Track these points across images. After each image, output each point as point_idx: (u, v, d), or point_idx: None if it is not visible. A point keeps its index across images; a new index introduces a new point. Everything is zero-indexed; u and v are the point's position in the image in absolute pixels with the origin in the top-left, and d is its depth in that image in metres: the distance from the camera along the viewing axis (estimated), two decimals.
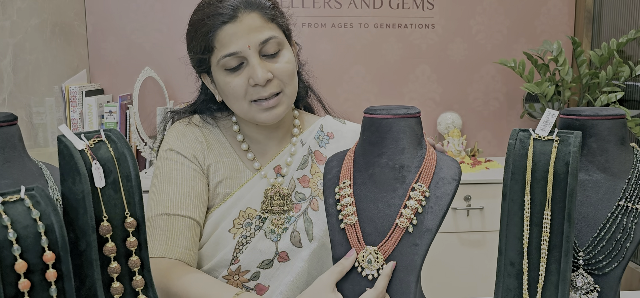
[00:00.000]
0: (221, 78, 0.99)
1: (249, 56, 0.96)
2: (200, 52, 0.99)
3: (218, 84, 1.01)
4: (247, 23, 0.96)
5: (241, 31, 0.95)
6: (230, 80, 0.98)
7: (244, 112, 1.01)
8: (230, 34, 0.95)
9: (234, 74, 0.98)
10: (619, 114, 0.85)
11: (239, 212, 1.03)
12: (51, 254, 0.60)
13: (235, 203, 1.03)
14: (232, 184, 1.05)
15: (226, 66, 0.97)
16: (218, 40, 0.96)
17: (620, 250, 0.80)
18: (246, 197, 1.04)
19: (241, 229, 1.02)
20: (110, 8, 2.39)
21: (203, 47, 0.97)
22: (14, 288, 0.58)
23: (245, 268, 1.01)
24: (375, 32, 2.48)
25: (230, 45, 0.95)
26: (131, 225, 0.71)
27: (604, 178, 0.84)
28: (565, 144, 0.71)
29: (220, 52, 0.96)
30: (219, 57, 0.97)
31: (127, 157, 0.72)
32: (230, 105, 1.03)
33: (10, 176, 0.73)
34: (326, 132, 1.14)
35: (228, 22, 0.95)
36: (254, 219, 1.03)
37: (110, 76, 2.42)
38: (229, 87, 0.98)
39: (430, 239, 0.83)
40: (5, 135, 0.73)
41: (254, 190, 1.04)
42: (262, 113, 1.00)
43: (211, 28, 0.95)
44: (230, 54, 0.95)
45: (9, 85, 1.82)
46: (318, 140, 1.12)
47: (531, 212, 0.72)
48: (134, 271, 0.72)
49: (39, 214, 0.60)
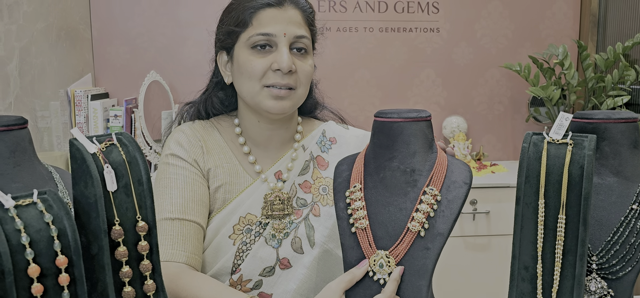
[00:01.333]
0: (244, 55, 1.00)
1: (280, 43, 0.99)
2: (234, 24, 1.01)
3: (237, 60, 1.02)
4: (289, 14, 1.00)
5: (281, 18, 0.99)
6: (253, 59, 0.99)
7: (252, 95, 1.01)
8: (270, 16, 0.99)
9: (259, 54, 1.00)
10: (631, 117, 0.84)
11: (239, 217, 1.02)
12: (64, 258, 0.60)
13: (235, 209, 1.03)
14: (231, 190, 1.04)
15: (254, 43, 0.99)
16: (257, 18, 0.99)
17: (634, 254, 0.79)
18: (246, 202, 1.03)
19: (241, 235, 1.01)
20: (115, 12, 2.39)
21: (240, 20, 1.00)
22: (27, 292, 0.58)
23: (247, 277, 1.00)
24: (380, 36, 2.48)
25: (268, 26, 0.99)
26: (143, 229, 0.71)
27: (617, 182, 0.83)
28: (579, 148, 0.70)
29: (255, 29, 0.99)
30: (251, 33, 0.99)
31: (139, 160, 0.72)
32: (241, 85, 1.02)
33: (21, 180, 0.73)
34: (329, 137, 1.14)
35: (273, 5, 0.99)
36: (254, 225, 1.02)
37: (115, 80, 2.43)
38: (249, 65, 0.99)
39: (442, 243, 0.83)
40: (16, 139, 0.73)
41: (254, 195, 1.04)
42: (270, 100, 1.00)
43: (255, 6, 0.99)
44: (264, 33, 0.98)
45: (15, 89, 1.83)
46: (320, 145, 1.12)
47: (545, 216, 0.71)
48: (145, 275, 0.72)
49: (51, 218, 0.60)
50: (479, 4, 2.52)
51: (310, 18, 1.05)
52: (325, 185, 1.09)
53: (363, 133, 1.17)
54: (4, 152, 0.71)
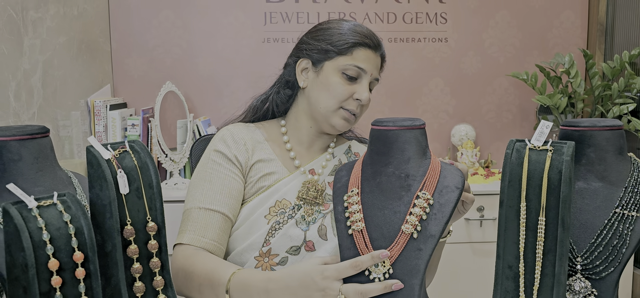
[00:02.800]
0: (335, 77, 1.15)
1: (365, 79, 1.16)
2: (333, 46, 1.15)
3: (326, 77, 1.15)
4: (377, 59, 1.18)
5: (373, 60, 1.16)
6: (341, 83, 1.14)
7: (327, 109, 1.16)
8: (366, 56, 1.15)
9: (347, 81, 1.15)
10: (616, 125, 0.88)
11: (276, 201, 1.14)
12: (80, 254, 0.66)
13: (273, 193, 1.15)
14: (270, 178, 1.17)
15: (346, 71, 1.14)
16: (356, 51, 1.14)
17: (616, 255, 0.83)
18: (283, 189, 1.16)
19: (275, 217, 1.13)
20: (133, 25, 2.48)
21: (341, 46, 1.14)
22: (47, 284, 0.64)
23: (275, 251, 1.11)
24: (389, 46, 2.53)
25: (363, 63, 1.14)
26: (152, 229, 0.77)
27: (602, 187, 0.87)
28: (558, 154, 0.75)
29: (352, 60, 1.14)
30: (348, 62, 1.14)
31: (149, 166, 0.78)
32: (319, 97, 1.16)
33: (43, 184, 0.79)
34: (353, 151, 1.29)
35: (371, 48, 1.16)
36: (288, 209, 1.14)
37: (133, 90, 2.51)
38: (338, 87, 1.14)
39: (433, 244, 0.88)
40: (39, 146, 0.80)
41: (292, 183, 1.16)
42: (341, 120, 1.16)
43: (358, 42, 1.14)
44: (360, 67, 1.14)
45: (38, 99, 1.92)
46: (346, 155, 1.27)
47: (527, 218, 0.76)
48: (154, 272, 0.78)
49: (70, 218, 0.67)
50: (486, 13, 2.56)
51: (382, 65, 1.22)
52: None
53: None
54: (28, 159, 0.78)
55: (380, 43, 1.19)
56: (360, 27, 1.18)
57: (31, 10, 1.88)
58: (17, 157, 0.76)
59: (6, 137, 0.76)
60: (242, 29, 2.50)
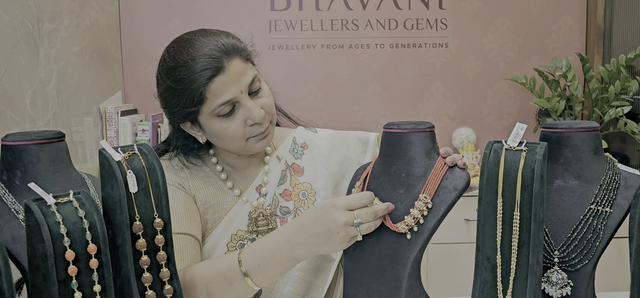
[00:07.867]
0: (216, 125, 1.02)
1: (242, 100, 1.01)
2: (190, 105, 1.00)
3: (211, 129, 1.04)
4: (233, 70, 1.00)
5: (231, 79, 1.00)
6: (227, 126, 1.02)
7: (239, 148, 1.06)
8: (221, 85, 0.99)
9: (229, 118, 1.02)
10: (592, 126, 0.94)
11: (231, 235, 1.09)
12: (94, 246, 0.73)
13: (225, 229, 1.09)
14: (219, 209, 1.10)
15: (221, 113, 1.01)
16: (210, 91, 0.99)
17: (591, 249, 0.89)
18: (234, 221, 1.10)
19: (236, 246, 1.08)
20: (143, 34, 2.57)
21: (194, 99, 0.99)
22: (64, 272, 0.71)
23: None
24: (391, 51, 2.60)
25: (224, 94, 0.99)
26: (159, 225, 0.84)
27: (578, 185, 0.93)
28: (532, 153, 0.81)
29: (213, 102, 0.99)
30: (212, 107, 1.00)
31: (156, 167, 0.85)
32: (225, 145, 1.07)
33: (59, 184, 0.87)
34: (300, 143, 1.19)
35: (217, 74, 0.98)
36: (245, 240, 1.09)
37: (143, 97, 2.60)
38: (227, 131, 1.02)
39: (423, 240, 0.94)
40: (55, 150, 0.87)
41: (240, 214, 1.10)
42: (257, 144, 1.06)
43: (202, 83, 0.98)
44: (225, 102, 0.99)
45: (53, 106, 2.01)
46: (293, 153, 1.18)
47: (503, 213, 0.82)
48: (161, 264, 0.85)
49: (84, 213, 0.74)
50: (486, 19, 2.61)
51: (246, 54, 1.05)
52: (304, 190, 1.15)
53: (331, 133, 1.22)
54: (46, 161, 0.85)
55: (219, 57, 0.99)
56: (206, 47, 0.99)
57: (46, 22, 1.97)
58: (36, 159, 0.84)
59: (26, 141, 0.83)
60: (248, 37, 2.57)
